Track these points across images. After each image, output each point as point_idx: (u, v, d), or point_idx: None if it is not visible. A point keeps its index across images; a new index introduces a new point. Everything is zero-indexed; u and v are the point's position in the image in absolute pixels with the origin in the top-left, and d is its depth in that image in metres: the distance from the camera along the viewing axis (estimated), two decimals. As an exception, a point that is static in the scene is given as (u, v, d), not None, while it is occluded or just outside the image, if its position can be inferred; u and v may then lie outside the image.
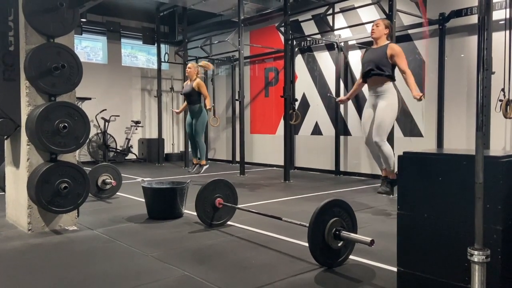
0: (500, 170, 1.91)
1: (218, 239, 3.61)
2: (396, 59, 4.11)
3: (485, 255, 1.67)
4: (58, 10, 3.78)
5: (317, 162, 8.48)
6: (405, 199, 2.24)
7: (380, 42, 4.29)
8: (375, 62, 4.22)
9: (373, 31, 4.30)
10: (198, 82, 6.45)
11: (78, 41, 10.27)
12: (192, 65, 6.62)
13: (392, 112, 4.19)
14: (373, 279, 2.67)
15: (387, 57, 4.16)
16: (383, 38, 4.28)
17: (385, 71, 4.17)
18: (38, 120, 3.57)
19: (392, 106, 4.19)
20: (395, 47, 4.16)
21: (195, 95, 6.48)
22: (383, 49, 4.21)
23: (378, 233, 3.70)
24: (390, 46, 4.18)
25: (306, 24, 8.26)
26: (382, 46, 4.25)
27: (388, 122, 4.17)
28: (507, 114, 5.34)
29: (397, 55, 4.11)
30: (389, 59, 4.15)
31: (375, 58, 4.24)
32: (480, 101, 1.75)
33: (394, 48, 4.15)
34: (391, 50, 4.15)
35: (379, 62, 4.19)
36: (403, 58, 4.13)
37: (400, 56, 4.11)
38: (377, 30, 4.27)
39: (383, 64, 4.18)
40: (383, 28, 4.27)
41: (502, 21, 5.69)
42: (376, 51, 4.27)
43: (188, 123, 6.66)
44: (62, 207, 3.75)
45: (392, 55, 4.13)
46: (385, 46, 4.22)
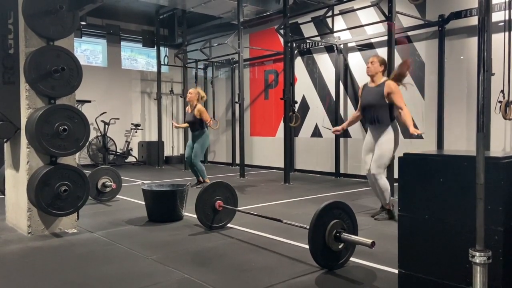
0: (501, 171, 1.90)
1: (218, 242, 3.60)
2: (393, 96, 4.15)
3: (486, 256, 1.67)
4: (58, 13, 3.78)
5: (317, 164, 8.48)
6: (405, 201, 2.23)
7: (377, 79, 4.31)
8: (374, 108, 4.25)
9: (369, 68, 4.33)
10: (199, 108, 6.48)
11: (78, 44, 10.28)
12: (193, 91, 6.63)
13: (391, 146, 4.25)
14: (374, 281, 2.66)
15: (383, 97, 4.18)
16: (379, 75, 4.30)
17: (383, 119, 4.21)
18: (38, 123, 3.57)
19: (393, 140, 4.25)
20: (391, 85, 4.18)
21: (197, 123, 6.54)
22: (380, 89, 4.22)
23: (379, 235, 3.70)
24: (387, 84, 4.19)
25: (305, 26, 8.27)
26: (379, 85, 4.25)
27: (388, 156, 4.24)
28: (506, 115, 5.34)
29: (393, 93, 4.15)
30: (386, 98, 4.18)
31: (372, 101, 4.27)
32: (481, 102, 1.74)
33: (391, 87, 4.18)
34: (388, 88, 4.18)
35: (377, 106, 4.22)
36: (399, 95, 4.18)
37: (396, 94, 4.15)
38: (373, 68, 4.30)
39: (381, 108, 4.21)
40: (378, 66, 4.29)
41: (501, 22, 5.69)
42: (373, 90, 4.30)
43: (189, 145, 6.72)
44: (62, 210, 3.74)
45: (389, 93, 4.17)
46: (382, 84, 4.23)
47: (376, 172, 4.22)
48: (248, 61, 9.82)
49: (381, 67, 4.30)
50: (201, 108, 6.52)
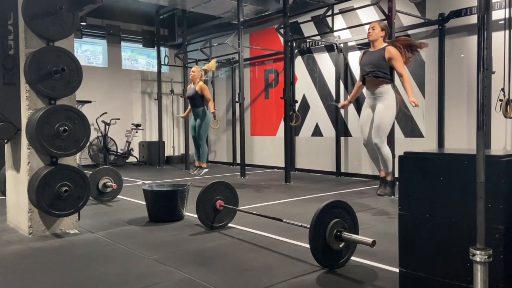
0: (502, 169, 1.90)
1: (219, 241, 3.60)
2: (393, 62, 4.14)
3: (487, 254, 1.66)
4: (58, 14, 3.78)
5: (318, 164, 8.47)
6: (406, 200, 2.23)
7: (377, 44, 4.33)
8: (373, 65, 4.26)
9: (370, 33, 4.35)
10: (201, 85, 6.50)
11: (78, 44, 10.29)
12: (196, 69, 6.68)
13: (391, 113, 4.21)
14: (375, 280, 2.66)
15: (384, 59, 4.18)
16: (380, 40, 4.32)
17: (383, 74, 4.20)
18: (39, 124, 3.57)
19: (390, 107, 4.21)
20: (392, 50, 4.18)
21: (198, 99, 6.52)
22: (381, 52, 4.24)
23: (380, 233, 3.69)
24: (387, 49, 4.21)
25: (305, 25, 8.26)
26: (379, 49, 4.28)
27: (387, 123, 4.19)
28: (507, 114, 5.33)
29: (394, 58, 4.14)
30: (387, 62, 4.17)
31: (373, 61, 4.28)
32: (481, 100, 1.74)
33: (391, 51, 4.17)
34: (388, 53, 4.18)
35: (377, 65, 4.22)
36: (400, 61, 4.17)
37: (397, 59, 4.14)
38: (374, 33, 4.32)
39: (381, 67, 4.21)
40: (379, 31, 4.31)
41: (501, 21, 5.68)
42: (374, 53, 4.31)
43: (192, 125, 6.70)
44: (63, 211, 3.74)
45: (390, 58, 4.16)
46: (382, 49, 4.25)
47: (379, 141, 4.17)
48: (248, 61, 9.82)
49: (382, 33, 4.32)
50: (204, 85, 6.53)
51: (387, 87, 4.22)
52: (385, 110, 4.18)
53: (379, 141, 4.16)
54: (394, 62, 4.13)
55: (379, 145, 4.17)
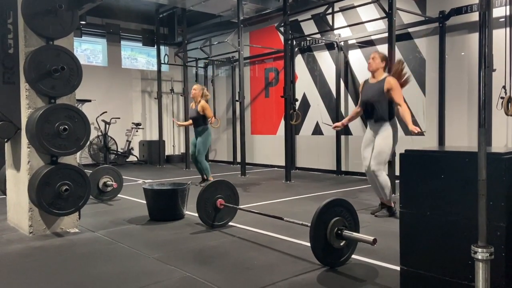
0: (503, 167, 1.89)
1: (220, 240, 3.60)
2: (392, 93, 4.17)
3: (489, 252, 1.66)
4: (57, 12, 3.78)
5: (318, 162, 8.47)
6: (407, 198, 2.22)
7: (377, 75, 4.33)
8: (373, 103, 4.27)
9: (370, 64, 4.36)
10: (202, 105, 6.51)
11: (78, 43, 10.28)
12: (197, 87, 6.66)
13: (391, 141, 4.25)
14: (376, 278, 2.65)
15: (383, 92, 4.19)
16: (380, 71, 4.32)
17: (382, 114, 4.24)
18: (38, 123, 3.56)
19: (392, 136, 4.26)
20: (391, 81, 4.20)
21: (200, 119, 6.57)
22: (380, 84, 4.24)
23: (381, 232, 3.69)
24: (387, 80, 4.21)
25: (305, 24, 8.25)
26: (379, 81, 4.28)
27: (387, 152, 4.25)
28: (508, 111, 5.32)
29: (393, 89, 4.18)
30: (386, 94, 4.19)
31: (373, 95, 4.29)
32: (482, 98, 1.73)
33: (390, 83, 4.20)
34: (388, 84, 4.20)
35: (377, 103, 4.24)
36: (399, 91, 4.19)
37: (395, 90, 4.17)
38: (374, 63, 4.32)
39: (380, 104, 4.24)
40: (379, 62, 4.31)
41: (502, 18, 5.67)
42: (374, 86, 4.32)
43: (193, 143, 6.73)
44: (63, 210, 3.74)
45: (389, 89, 4.19)
46: (382, 80, 4.25)
47: (376, 169, 4.22)
48: (249, 59, 9.81)
49: (382, 63, 4.32)
50: (205, 104, 6.55)
51: (387, 122, 4.27)
52: (385, 138, 4.24)
53: (376, 168, 4.22)
54: (393, 92, 4.17)
55: (376, 172, 4.22)
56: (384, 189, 4.28)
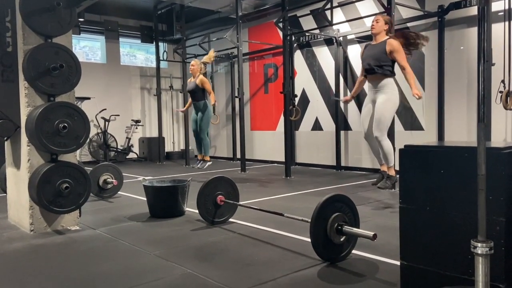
0: (502, 162, 1.89)
1: (220, 237, 3.61)
2: (395, 55, 4.13)
3: (488, 247, 1.66)
4: (55, 10, 3.76)
5: (318, 158, 8.48)
6: (407, 193, 2.22)
7: (379, 37, 4.32)
8: (375, 59, 4.25)
9: (373, 26, 4.33)
10: (201, 78, 6.52)
11: (77, 41, 10.25)
12: (195, 62, 6.69)
13: (391, 106, 4.22)
14: (376, 273, 2.67)
15: (386, 53, 4.18)
16: (383, 33, 4.31)
17: (384, 68, 4.20)
18: (38, 121, 3.56)
19: (391, 100, 4.22)
20: (394, 43, 4.17)
21: (199, 92, 6.53)
22: (382, 45, 4.23)
23: (381, 227, 3.70)
24: (388, 42, 4.19)
25: (304, 19, 8.23)
26: (381, 42, 4.27)
27: (388, 116, 4.20)
28: (507, 106, 5.32)
29: (396, 51, 4.13)
30: (388, 55, 4.17)
31: (374, 55, 4.27)
32: (481, 92, 1.73)
33: (393, 44, 4.16)
34: (390, 46, 4.17)
35: (379, 59, 4.22)
36: (402, 54, 4.15)
37: (399, 52, 4.13)
38: (377, 26, 4.31)
39: (382, 61, 4.21)
40: (382, 24, 4.30)
41: (501, 12, 5.66)
42: (375, 47, 4.30)
43: (193, 119, 6.70)
44: (64, 207, 3.75)
45: (391, 51, 4.15)
46: (384, 42, 4.24)
47: (379, 135, 4.19)
48: (248, 55, 9.79)
49: (385, 26, 4.32)
50: (204, 78, 6.56)
51: (389, 81, 4.22)
52: (385, 103, 4.19)
53: (379, 134, 4.18)
54: (396, 54, 4.12)
55: (380, 138, 4.18)
56: (388, 155, 4.27)
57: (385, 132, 4.22)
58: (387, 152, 4.24)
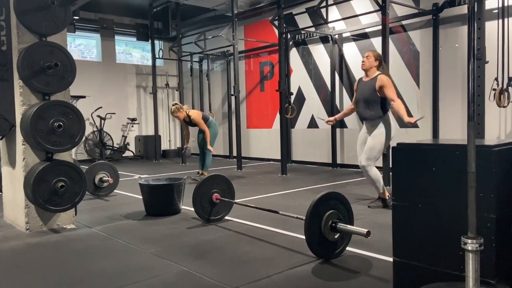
0: (493, 159, 1.92)
1: (216, 234, 3.62)
2: (385, 90, 4.23)
3: (478, 243, 1.69)
4: (50, 9, 3.76)
5: (314, 155, 8.50)
6: (399, 190, 2.25)
7: (370, 74, 4.40)
8: (366, 98, 4.35)
9: (364, 62, 4.42)
10: (193, 118, 6.46)
11: (72, 39, 10.22)
12: (175, 109, 6.49)
13: (384, 140, 4.36)
14: (370, 270, 2.69)
15: (375, 90, 4.25)
16: (373, 69, 4.39)
17: (375, 113, 4.31)
18: (33, 120, 3.56)
19: (384, 134, 4.35)
20: (383, 78, 4.26)
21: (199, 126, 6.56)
22: (372, 81, 4.32)
23: (374, 224, 3.73)
24: (379, 78, 4.28)
25: (300, 17, 8.24)
26: (372, 79, 4.35)
27: (378, 149, 4.33)
28: (500, 103, 5.36)
29: (385, 86, 4.24)
30: (378, 92, 4.25)
31: (365, 93, 4.36)
32: (472, 90, 1.75)
33: (382, 80, 4.26)
34: (379, 82, 4.27)
35: (369, 97, 4.31)
36: (391, 88, 4.25)
37: (388, 87, 4.23)
38: (367, 62, 4.39)
39: (373, 102, 4.30)
40: (373, 60, 4.37)
41: (495, 10, 5.69)
42: (367, 84, 4.41)
43: (199, 135, 6.73)
44: (60, 206, 3.76)
45: (381, 86, 4.26)
46: (374, 78, 4.32)
47: (366, 164, 4.31)
48: (243, 53, 9.79)
49: (376, 62, 4.38)
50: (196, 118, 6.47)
51: (382, 119, 4.32)
52: (379, 136, 4.35)
53: (366, 163, 4.33)
54: (385, 89, 4.23)
55: (366, 168, 4.33)
56: (375, 182, 4.37)
57: (373, 162, 4.33)
58: (374, 180, 4.35)
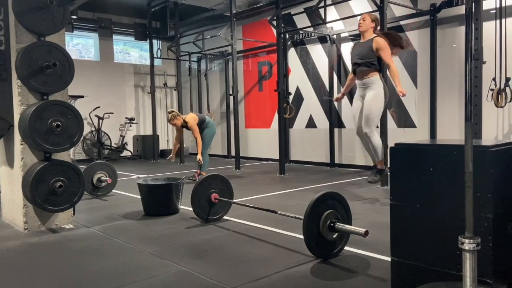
0: (490, 159, 1.93)
1: (214, 234, 3.63)
2: (381, 53, 4.27)
3: (475, 243, 1.70)
4: (48, 8, 3.76)
5: (312, 155, 8.51)
6: (397, 190, 2.26)
7: (367, 35, 4.47)
8: (362, 55, 4.44)
9: (360, 25, 4.49)
10: (190, 126, 6.44)
11: (70, 38, 10.20)
12: (172, 117, 6.44)
13: (379, 102, 4.36)
14: (368, 270, 2.71)
15: (372, 50, 4.29)
16: (370, 31, 4.45)
17: (371, 63, 4.36)
18: (31, 120, 3.56)
19: (379, 96, 4.36)
20: (380, 40, 4.31)
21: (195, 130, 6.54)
22: (369, 42, 4.39)
23: (372, 224, 3.74)
24: (375, 40, 4.35)
25: (298, 17, 8.25)
26: (368, 40, 4.44)
27: (376, 113, 4.34)
28: (498, 103, 5.38)
29: (381, 49, 4.27)
30: (375, 52, 4.28)
31: (361, 52, 4.46)
32: (469, 91, 1.76)
33: (378, 42, 4.31)
34: (376, 43, 4.33)
35: (365, 56, 4.40)
36: (387, 51, 4.29)
37: (384, 50, 4.27)
38: (364, 24, 4.45)
39: (368, 57, 4.38)
40: (369, 22, 4.44)
41: (493, 10, 5.71)
42: (363, 44, 4.47)
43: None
44: (58, 206, 3.76)
45: (377, 48, 4.31)
46: (370, 40, 4.40)
47: (368, 131, 4.35)
48: (242, 53, 9.80)
49: (372, 24, 4.47)
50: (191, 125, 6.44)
51: (375, 77, 4.38)
52: (373, 99, 4.34)
53: (368, 130, 4.34)
54: (381, 52, 4.27)
55: (369, 134, 4.35)
56: (377, 149, 4.43)
57: (374, 127, 4.37)
58: (376, 147, 4.41)
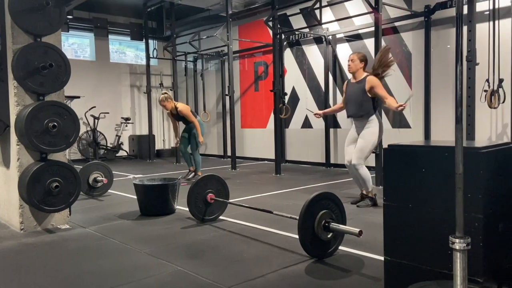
0: (480, 161, 1.97)
1: (210, 234, 3.65)
2: (376, 90, 4.31)
3: (466, 242, 1.73)
4: (45, 9, 3.76)
5: (308, 155, 8.55)
6: (390, 191, 2.29)
7: (358, 75, 4.48)
8: (355, 103, 4.42)
9: (349, 66, 4.52)
10: (181, 110, 6.42)
11: (65, 38, 10.18)
12: (164, 98, 6.46)
13: (374, 139, 4.46)
14: (362, 269, 2.74)
15: (366, 91, 4.32)
16: (360, 71, 4.47)
17: (366, 112, 4.39)
18: (27, 120, 3.57)
19: (375, 133, 4.46)
20: (372, 79, 4.35)
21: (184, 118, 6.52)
22: (361, 84, 4.40)
23: (366, 223, 3.78)
24: (368, 80, 4.36)
25: (294, 18, 8.28)
26: (360, 80, 4.43)
27: (370, 148, 4.43)
28: (492, 104, 5.43)
29: (375, 87, 4.32)
30: (369, 93, 4.33)
31: (355, 97, 4.44)
32: (459, 93, 1.80)
33: (371, 81, 4.35)
34: (369, 84, 4.36)
35: (360, 101, 4.38)
36: (381, 87, 4.34)
37: (378, 87, 4.32)
38: (353, 65, 4.48)
39: (364, 100, 4.37)
40: (358, 63, 4.46)
41: (486, 12, 5.76)
42: (356, 86, 4.48)
43: (183, 136, 6.67)
44: (54, 206, 3.76)
45: (371, 87, 4.33)
46: (363, 80, 4.40)
47: (357, 163, 4.38)
48: (238, 53, 9.82)
49: (361, 64, 4.46)
50: (183, 109, 6.44)
51: (371, 117, 4.42)
52: (370, 135, 4.44)
53: (357, 162, 4.40)
54: (376, 90, 4.33)
55: (357, 166, 4.41)
56: (366, 182, 4.45)
57: (363, 161, 4.42)
58: (365, 179, 4.44)
